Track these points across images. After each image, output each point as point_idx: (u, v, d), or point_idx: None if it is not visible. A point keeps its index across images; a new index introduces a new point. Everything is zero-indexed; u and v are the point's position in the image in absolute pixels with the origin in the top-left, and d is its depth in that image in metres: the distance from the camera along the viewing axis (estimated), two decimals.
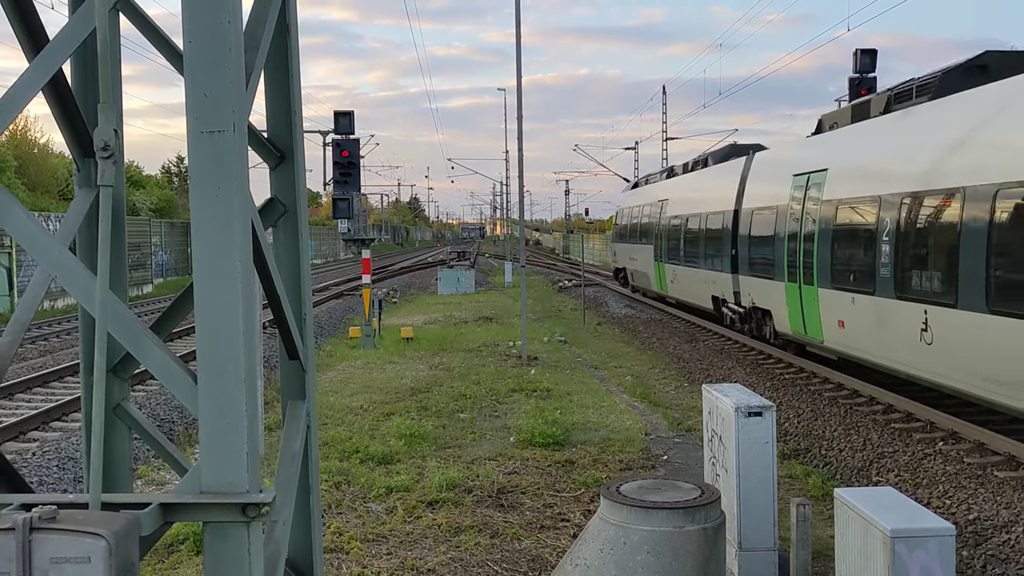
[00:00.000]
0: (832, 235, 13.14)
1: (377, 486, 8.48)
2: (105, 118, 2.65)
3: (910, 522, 4.62)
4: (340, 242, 70.12)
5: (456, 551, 6.97)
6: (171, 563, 6.77)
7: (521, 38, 17.50)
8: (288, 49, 3.28)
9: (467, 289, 34.80)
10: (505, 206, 70.55)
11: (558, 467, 9.27)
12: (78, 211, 3.07)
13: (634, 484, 5.49)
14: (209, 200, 2.55)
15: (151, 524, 2.52)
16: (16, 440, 10.97)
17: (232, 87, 2.52)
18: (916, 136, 11.35)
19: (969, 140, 9.79)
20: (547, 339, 20.00)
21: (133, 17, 3.09)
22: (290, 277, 3.39)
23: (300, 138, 3.38)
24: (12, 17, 2.90)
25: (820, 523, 7.44)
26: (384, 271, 49.05)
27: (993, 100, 9.66)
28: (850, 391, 13.21)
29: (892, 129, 12.26)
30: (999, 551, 7.16)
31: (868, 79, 18.50)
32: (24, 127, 43.58)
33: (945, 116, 10.67)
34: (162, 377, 2.70)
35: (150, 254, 38.23)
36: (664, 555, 4.97)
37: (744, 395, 6.57)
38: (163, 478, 9.09)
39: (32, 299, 2.97)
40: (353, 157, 18.36)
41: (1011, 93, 9.32)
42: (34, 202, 35.74)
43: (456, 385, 13.89)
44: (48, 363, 16.96)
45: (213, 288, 2.57)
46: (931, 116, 11.16)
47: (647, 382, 15.01)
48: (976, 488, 8.49)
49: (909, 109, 11.99)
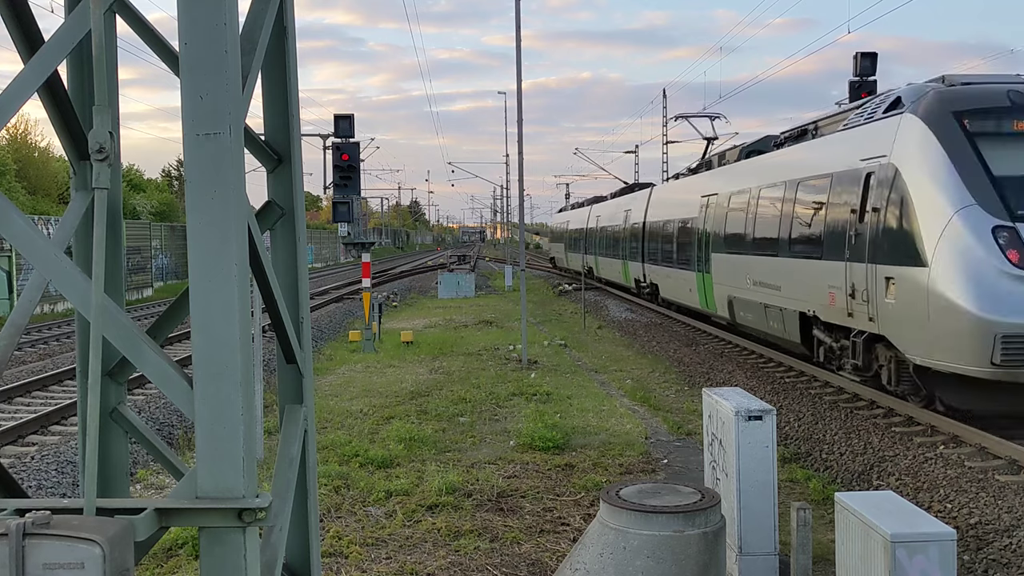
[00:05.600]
0: (650, 237, 26.76)
1: (377, 490, 8.46)
2: (100, 120, 2.64)
3: (911, 527, 4.60)
4: (340, 246, 70.13)
5: (456, 555, 6.95)
6: (169, 567, 6.75)
7: (522, 41, 17.51)
8: (286, 51, 3.27)
9: (467, 293, 34.80)
10: (505, 210, 70.57)
11: (558, 471, 9.25)
12: (74, 214, 3.05)
13: (634, 488, 5.47)
14: (205, 203, 2.53)
15: (146, 529, 2.50)
16: (15, 444, 10.96)
17: (229, 89, 2.50)
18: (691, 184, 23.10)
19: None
20: (547, 343, 19.98)
21: (129, 19, 3.08)
22: (287, 281, 3.38)
23: (298, 141, 3.36)
24: (7, 17, 2.89)
25: (821, 527, 7.42)
26: (384, 275, 49.05)
27: (785, 157, 16.14)
28: (851, 395, 13.18)
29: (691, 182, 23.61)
30: (1001, 556, 7.13)
31: (868, 82, 18.48)
32: (24, 131, 43.60)
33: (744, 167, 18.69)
34: (158, 381, 2.68)
35: (150, 258, 38.22)
36: (664, 559, 4.94)
37: (744, 399, 6.55)
38: (162, 482, 9.07)
39: (28, 303, 2.95)
40: (353, 161, 18.36)
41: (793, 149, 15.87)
42: (34, 206, 35.73)
43: (456, 389, 13.87)
44: (47, 367, 16.94)
45: (209, 292, 2.55)
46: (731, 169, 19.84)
47: (647, 386, 14.99)
48: (977, 492, 8.46)
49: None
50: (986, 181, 10.01)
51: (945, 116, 10.52)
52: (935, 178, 10.28)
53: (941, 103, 10.70)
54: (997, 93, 10.69)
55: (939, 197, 10.14)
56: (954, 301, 9.70)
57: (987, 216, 9.80)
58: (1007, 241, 9.66)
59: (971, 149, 10.23)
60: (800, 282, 13.90)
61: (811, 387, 14.08)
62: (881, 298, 11.11)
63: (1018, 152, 10.24)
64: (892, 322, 10.93)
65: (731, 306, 17.86)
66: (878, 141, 11.64)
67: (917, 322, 10.32)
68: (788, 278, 14.47)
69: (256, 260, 2.89)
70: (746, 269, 16.67)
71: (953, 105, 10.60)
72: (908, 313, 10.52)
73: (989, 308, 9.47)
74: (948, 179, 10.12)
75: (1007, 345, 9.34)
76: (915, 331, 10.41)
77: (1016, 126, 10.41)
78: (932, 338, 10.08)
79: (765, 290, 15.61)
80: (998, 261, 9.56)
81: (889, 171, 11.09)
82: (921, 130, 10.65)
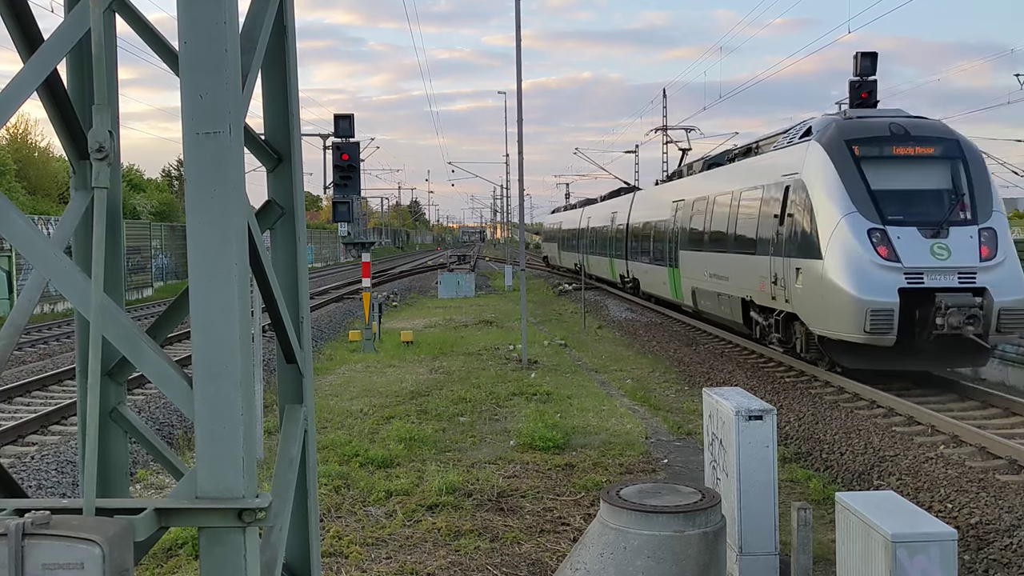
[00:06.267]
0: (632, 237, 29.90)
1: (377, 490, 8.45)
2: (100, 119, 2.63)
3: (912, 527, 4.60)
4: (340, 246, 70.10)
5: (456, 555, 6.95)
6: (170, 567, 6.74)
7: (522, 41, 17.51)
8: (286, 50, 3.26)
9: (467, 293, 34.78)
10: (505, 209, 70.54)
11: (558, 471, 9.24)
12: (74, 214, 3.04)
13: (634, 488, 5.46)
14: (205, 203, 2.52)
15: (146, 529, 2.50)
16: (15, 444, 10.95)
17: (228, 88, 2.49)
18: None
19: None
20: (547, 343, 19.97)
21: (129, 18, 3.07)
22: (287, 280, 3.37)
23: (298, 140, 3.35)
24: (6, 16, 2.88)
25: (821, 527, 7.41)
26: (384, 275, 49.03)
27: (728, 171, 19.60)
28: (851, 395, 13.18)
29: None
30: (1001, 556, 7.13)
31: (868, 82, 18.49)
32: (24, 130, 43.60)
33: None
34: (158, 381, 2.67)
35: (150, 258, 38.21)
36: (664, 560, 4.94)
37: (744, 399, 6.55)
38: (162, 482, 9.06)
39: (27, 302, 2.94)
40: (353, 160, 18.34)
41: (736, 166, 19.29)
42: (34, 206, 35.72)
43: (456, 389, 13.86)
44: (47, 367, 16.94)
45: (209, 291, 2.54)
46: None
47: (648, 386, 14.98)
48: (978, 492, 8.45)
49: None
50: (866, 194, 13.09)
51: (839, 143, 13.66)
52: (829, 191, 13.36)
53: (838, 133, 13.90)
54: (880, 125, 13.92)
55: (831, 206, 13.23)
56: (839, 285, 12.73)
57: (865, 220, 12.87)
58: (878, 240, 12.73)
59: (856, 169, 13.36)
60: (741, 273, 16.98)
61: (811, 387, 14.08)
62: (793, 284, 14.21)
63: (891, 171, 13.43)
64: (800, 303, 14.05)
65: (694, 296, 20.96)
66: (793, 161, 14.76)
67: (816, 302, 13.43)
68: (733, 270, 17.54)
69: (256, 259, 2.89)
70: (704, 264, 19.81)
71: (846, 134, 13.78)
72: (810, 295, 13.62)
73: (863, 290, 12.49)
74: (838, 192, 13.21)
75: (874, 317, 12.33)
76: (815, 309, 13.53)
77: (893, 151, 13.60)
78: (826, 314, 13.14)
79: (718, 281, 18.74)
80: (871, 255, 12.63)
81: (799, 185, 14.19)
82: (821, 154, 13.76)
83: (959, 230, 12.89)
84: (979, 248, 12.75)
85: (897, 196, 13.23)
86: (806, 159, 14.17)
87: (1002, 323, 12.47)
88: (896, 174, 13.38)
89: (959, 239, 12.80)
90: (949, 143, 13.72)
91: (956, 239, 12.79)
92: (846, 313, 12.60)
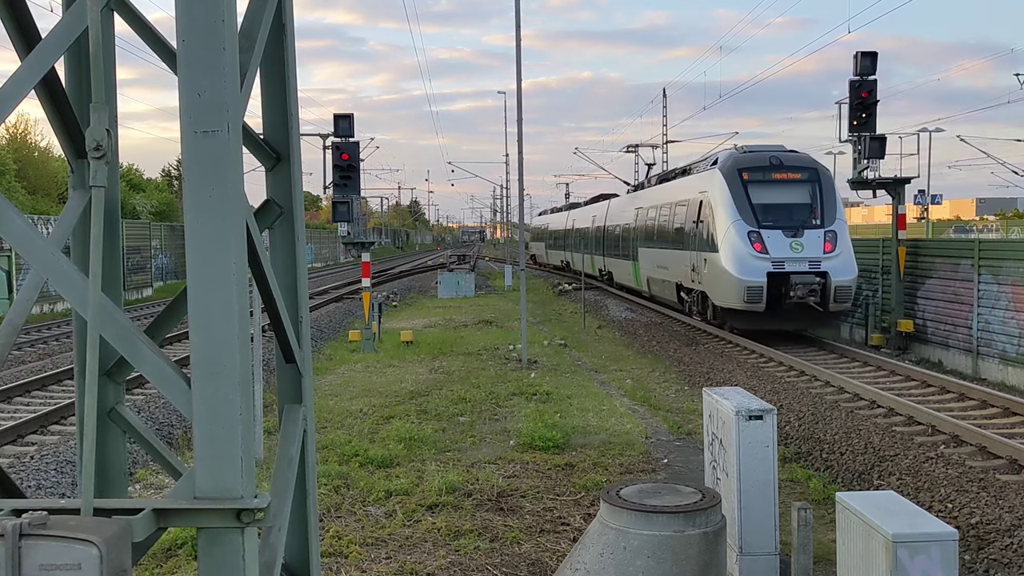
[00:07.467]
0: (607, 237, 35.31)
1: (376, 490, 8.44)
2: (97, 118, 2.62)
3: (912, 527, 4.59)
4: (340, 245, 70.07)
5: (456, 555, 6.94)
6: (168, 568, 6.73)
7: (522, 41, 17.50)
8: (284, 49, 3.25)
9: (467, 293, 34.77)
10: (505, 209, 70.54)
11: (558, 471, 9.24)
12: (72, 213, 3.03)
13: (634, 488, 5.45)
14: (203, 202, 2.51)
15: (144, 530, 2.49)
16: (14, 444, 10.94)
17: (227, 87, 2.48)
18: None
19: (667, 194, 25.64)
20: (547, 342, 19.96)
21: (127, 16, 3.06)
22: (286, 280, 3.36)
23: (297, 139, 3.34)
24: (4, 15, 2.87)
25: (821, 527, 7.40)
26: (384, 274, 49.02)
27: (681, 183, 24.17)
28: (851, 395, 13.18)
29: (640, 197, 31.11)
30: (1002, 556, 7.12)
31: (868, 82, 18.52)
32: (24, 130, 43.57)
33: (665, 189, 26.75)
34: (156, 381, 2.66)
35: (150, 257, 38.18)
36: (665, 559, 4.93)
37: (744, 398, 6.54)
38: (161, 482, 9.05)
39: (25, 302, 2.92)
40: (353, 160, 18.34)
41: (677, 183, 24.77)
42: (34, 205, 35.70)
43: (456, 389, 13.85)
44: (47, 366, 16.93)
45: (208, 291, 2.53)
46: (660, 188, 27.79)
47: (647, 385, 14.97)
48: (978, 492, 8.44)
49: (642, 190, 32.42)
50: (748, 207, 18.48)
51: (733, 171, 19.14)
52: (724, 204, 18.84)
53: (732, 163, 19.44)
54: (763, 157, 19.51)
55: (724, 215, 18.73)
56: (728, 270, 18.20)
57: (746, 225, 18.26)
58: (755, 239, 18.08)
59: (743, 190, 18.73)
60: (675, 264, 22.87)
61: (811, 387, 14.07)
62: (703, 270, 19.92)
63: (768, 190, 18.78)
64: (707, 283, 19.80)
65: (648, 283, 27.12)
66: (703, 183, 20.60)
67: (715, 282, 19.12)
68: (670, 262, 23.43)
69: (255, 259, 2.87)
70: (654, 258, 25.77)
71: (739, 164, 19.33)
72: (712, 278, 19.27)
73: (743, 273, 17.91)
74: (729, 205, 18.68)
75: (750, 292, 17.77)
76: (715, 287, 19.23)
77: (772, 176, 18.99)
78: (721, 290, 18.80)
79: (662, 270, 24.74)
80: (749, 249, 18.01)
81: (707, 199, 19.81)
82: (720, 178, 19.27)
83: (811, 232, 18.19)
84: (823, 244, 18.03)
85: (770, 208, 18.55)
86: (712, 181, 19.73)
87: (837, 295, 17.81)
88: (771, 192, 18.78)
89: (810, 238, 18.11)
90: (810, 171, 19.09)
91: (808, 238, 18.10)
92: (732, 289, 18.07)
